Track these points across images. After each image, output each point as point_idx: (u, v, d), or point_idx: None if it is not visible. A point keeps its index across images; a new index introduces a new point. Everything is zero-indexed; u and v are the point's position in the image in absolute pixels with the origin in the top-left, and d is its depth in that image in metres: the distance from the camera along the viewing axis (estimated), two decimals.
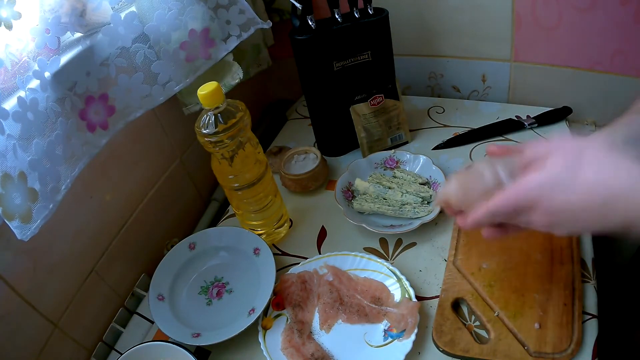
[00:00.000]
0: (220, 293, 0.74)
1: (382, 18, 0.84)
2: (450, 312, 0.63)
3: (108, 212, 0.76)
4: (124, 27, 0.64)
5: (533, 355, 0.57)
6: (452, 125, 0.98)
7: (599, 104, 0.95)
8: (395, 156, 0.88)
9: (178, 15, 0.69)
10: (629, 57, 0.76)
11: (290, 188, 0.89)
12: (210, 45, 0.75)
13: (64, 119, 0.58)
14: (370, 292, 0.69)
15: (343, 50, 0.84)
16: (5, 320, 0.59)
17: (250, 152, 0.71)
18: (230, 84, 0.85)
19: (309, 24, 0.81)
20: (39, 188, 0.55)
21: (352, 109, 0.89)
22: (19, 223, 0.52)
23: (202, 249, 0.78)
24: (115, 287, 0.77)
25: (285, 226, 0.83)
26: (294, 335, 0.65)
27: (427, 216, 0.76)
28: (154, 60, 0.69)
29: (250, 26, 0.79)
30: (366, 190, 0.82)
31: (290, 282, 0.71)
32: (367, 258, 0.72)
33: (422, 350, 0.62)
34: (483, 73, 1.02)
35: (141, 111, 0.71)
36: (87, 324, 0.72)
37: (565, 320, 0.59)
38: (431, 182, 0.83)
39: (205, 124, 0.66)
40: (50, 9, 0.57)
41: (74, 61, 0.61)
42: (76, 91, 0.62)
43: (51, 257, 0.66)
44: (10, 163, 0.52)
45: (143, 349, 0.63)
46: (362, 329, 0.65)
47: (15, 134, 0.53)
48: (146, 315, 0.74)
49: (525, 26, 0.90)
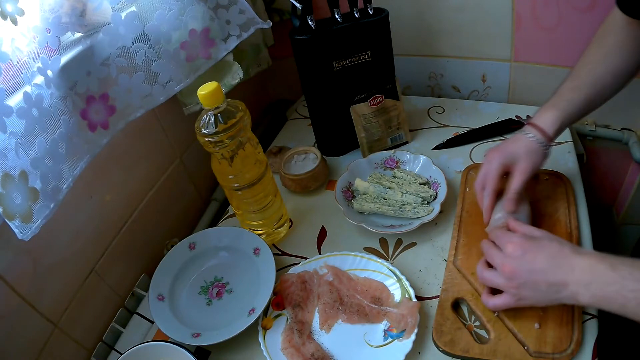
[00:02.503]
0: (220, 293, 0.74)
1: (382, 18, 0.84)
2: (450, 312, 0.63)
3: (108, 212, 0.76)
4: (124, 27, 0.64)
5: (533, 355, 0.57)
6: (452, 125, 0.98)
7: None
8: (395, 156, 0.88)
9: (178, 15, 0.69)
10: None
11: (290, 188, 0.89)
12: (210, 45, 0.75)
13: (67, 117, 0.58)
14: (370, 292, 0.69)
15: (343, 50, 0.84)
16: (5, 320, 0.59)
17: (250, 152, 0.71)
18: (230, 84, 0.85)
19: (309, 24, 0.81)
20: (40, 187, 0.55)
21: (352, 109, 0.89)
22: (19, 223, 0.52)
23: (202, 249, 0.78)
24: (115, 287, 0.77)
25: (285, 226, 0.83)
26: (294, 335, 0.65)
27: (427, 216, 0.76)
28: (155, 60, 0.69)
29: (250, 26, 0.79)
30: (366, 190, 0.82)
31: (290, 282, 0.71)
32: (367, 258, 0.72)
33: (422, 350, 0.62)
34: (483, 73, 1.02)
35: (142, 111, 0.71)
36: (87, 324, 0.72)
37: (565, 320, 0.59)
38: (431, 182, 0.83)
39: (205, 124, 0.66)
40: (50, 8, 0.57)
41: (74, 61, 0.61)
42: (77, 91, 0.62)
43: (51, 257, 0.66)
44: (11, 162, 0.52)
45: (143, 349, 0.63)
46: (362, 329, 0.65)
47: (18, 131, 0.53)
48: (146, 315, 0.74)
49: (525, 26, 0.91)
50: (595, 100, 0.68)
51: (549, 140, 0.67)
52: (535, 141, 0.67)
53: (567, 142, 0.88)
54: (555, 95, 0.69)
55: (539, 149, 0.67)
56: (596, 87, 0.67)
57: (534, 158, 0.67)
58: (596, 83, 0.67)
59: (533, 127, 0.68)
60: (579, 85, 0.67)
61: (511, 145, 0.69)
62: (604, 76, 0.66)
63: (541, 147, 0.67)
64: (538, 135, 0.67)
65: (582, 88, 0.67)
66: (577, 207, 0.74)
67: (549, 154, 0.68)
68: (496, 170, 0.68)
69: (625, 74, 0.67)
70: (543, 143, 0.67)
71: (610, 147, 1.00)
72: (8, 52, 0.53)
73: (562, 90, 0.68)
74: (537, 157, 0.67)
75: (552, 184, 0.78)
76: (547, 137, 0.67)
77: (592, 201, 0.78)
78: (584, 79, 0.67)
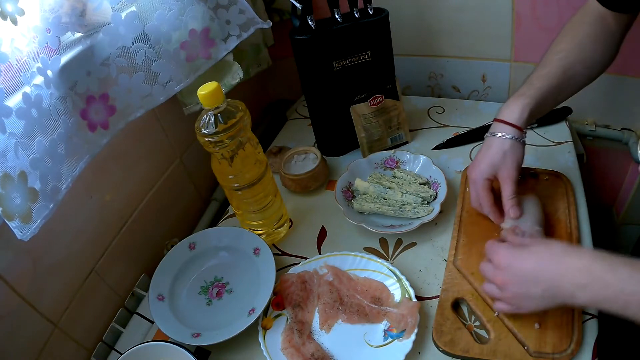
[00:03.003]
0: (220, 293, 0.74)
1: (382, 18, 0.84)
2: (450, 312, 0.63)
3: (108, 212, 0.76)
4: (124, 26, 0.64)
5: (533, 355, 0.57)
6: (452, 125, 0.98)
7: (599, 104, 0.95)
8: (395, 156, 0.88)
9: (178, 15, 0.69)
10: (628, 57, 0.76)
11: (290, 188, 0.89)
12: (210, 45, 0.75)
13: (67, 117, 0.58)
14: (370, 292, 0.69)
15: (343, 50, 0.84)
16: (5, 320, 0.59)
17: (250, 152, 0.71)
18: (230, 84, 0.85)
19: (309, 24, 0.81)
20: (39, 187, 0.55)
21: (352, 109, 0.89)
22: (19, 223, 0.52)
23: (202, 249, 0.78)
24: (115, 287, 0.77)
25: (285, 226, 0.83)
26: (294, 335, 0.65)
27: (427, 216, 0.76)
28: (155, 60, 0.69)
29: (250, 26, 0.79)
30: (366, 190, 0.82)
31: (290, 282, 0.71)
32: (367, 258, 0.72)
33: (422, 350, 0.62)
34: (483, 73, 1.02)
35: (142, 111, 0.71)
36: (87, 324, 0.72)
37: (565, 320, 0.59)
38: (431, 182, 0.83)
39: (205, 124, 0.66)
40: (50, 8, 0.57)
41: (74, 61, 0.61)
42: (77, 91, 0.62)
43: (51, 257, 0.66)
44: (11, 163, 0.52)
45: (143, 349, 0.63)
46: (362, 329, 0.65)
47: (17, 132, 0.53)
48: (146, 315, 0.74)
49: (525, 26, 0.90)
50: (565, 89, 0.67)
51: (521, 130, 0.65)
52: (506, 139, 0.65)
53: (567, 142, 0.88)
54: (525, 84, 0.67)
55: (514, 145, 0.65)
56: (566, 75, 0.66)
57: (513, 157, 0.65)
58: (567, 71, 0.66)
59: (500, 123, 0.66)
60: (548, 73, 0.66)
61: (486, 156, 0.67)
62: (574, 65, 0.66)
63: (515, 141, 0.65)
64: (507, 129, 0.65)
65: (551, 76, 0.65)
66: (577, 207, 0.74)
67: (525, 142, 0.66)
68: (484, 188, 0.68)
69: (597, 66, 0.67)
70: (515, 137, 0.65)
71: (610, 147, 1.00)
72: (7, 52, 0.53)
73: (531, 79, 0.67)
74: (515, 154, 0.65)
75: (552, 184, 0.78)
76: (518, 128, 0.65)
77: (592, 201, 0.78)
78: (555, 67, 0.66)
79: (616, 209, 1.11)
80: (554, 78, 0.65)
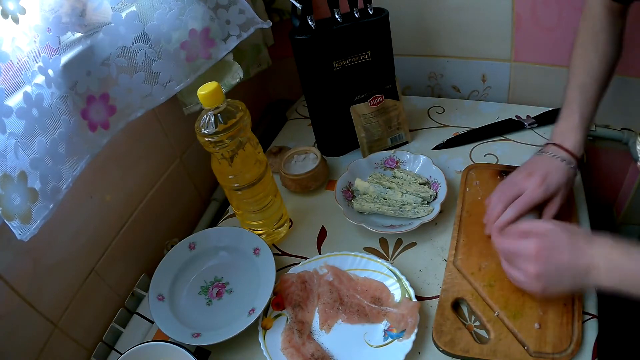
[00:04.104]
0: (220, 293, 0.74)
1: (382, 18, 0.84)
2: (450, 312, 0.63)
3: (108, 212, 0.76)
4: (124, 26, 0.64)
5: (533, 355, 0.57)
6: (452, 125, 0.98)
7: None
8: (395, 156, 0.88)
9: (178, 15, 0.69)
10: (628, 57, 0.76)
11: (290, 188, 0.89)
12: (210, 45, 0.75)
13: (67, 117, 0.58)
14: (370, 292, 0.69)
15: (343, 50, 0.84)
16: (5, 320, 0.59)
17: (250, 152, 0.71)
18: (230, 84, 0.85)
19: (309, 24, 0.81)
20: (39, 188, 0.55)
21: (352, 109, 0.89)
22: (18, 223, 0.52)
23: (202, 249, 0.78)
24: (115, 287, 0.77)
25: (285, 226, 0.83)
26: (294, 335, 0.65)
27: (427, 216, 0.76)
28: (155, 59, 0.69)
29: (250, 26, 0.79)
30: (366, 190, 0.82)
31: (290, 282, 0.71)
32: (367, 258, 0.72)
33: (422, 350, 0.62)
34: (483, 73, 1.02)
35: (142, 111, 0.71)
36: (87, 324, 0.72)
37: (565, 320, 0.59)
38: (431, 182, 0.83)
39: (205, 124, 0.66)
40: (50, 8, 0.57)
41: (74, 60, 0.61)
42: (77, 90, 0.62)
43: (51, 257, 0.66)
44: (11, 163, 0.52)
45: (143, 349, 0.63)
46: (362, 329, 0.65)
47: (17, 132, 0.53)
48: (146, 315, 0.74)
49: (525, 26, 0.90)
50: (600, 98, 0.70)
51: (577, 161, 0.68)
52: (571, 168, 0.67)
53: None
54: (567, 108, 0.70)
55: (572, 175, 0.68)
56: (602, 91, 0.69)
57: (571, 185, 0.68)
58: (601, 86, 0.69)
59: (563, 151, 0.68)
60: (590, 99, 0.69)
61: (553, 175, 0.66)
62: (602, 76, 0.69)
63: (573, 170, 0.67)
64: (569, 158, 0.67)
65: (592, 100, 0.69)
66: (577, 207, 0.74)
67: None
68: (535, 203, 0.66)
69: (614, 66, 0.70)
70: (573, 165, 0.67)
71: (610, 147, 1.00)
72: (8, 51, 0.53)
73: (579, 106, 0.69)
74: (572, 183, 0.69)
75: None
76: (576, 159, 0.67)
77: (592, 201, 0.78)
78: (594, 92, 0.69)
79: (616, 209, 1.11)
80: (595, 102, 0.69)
